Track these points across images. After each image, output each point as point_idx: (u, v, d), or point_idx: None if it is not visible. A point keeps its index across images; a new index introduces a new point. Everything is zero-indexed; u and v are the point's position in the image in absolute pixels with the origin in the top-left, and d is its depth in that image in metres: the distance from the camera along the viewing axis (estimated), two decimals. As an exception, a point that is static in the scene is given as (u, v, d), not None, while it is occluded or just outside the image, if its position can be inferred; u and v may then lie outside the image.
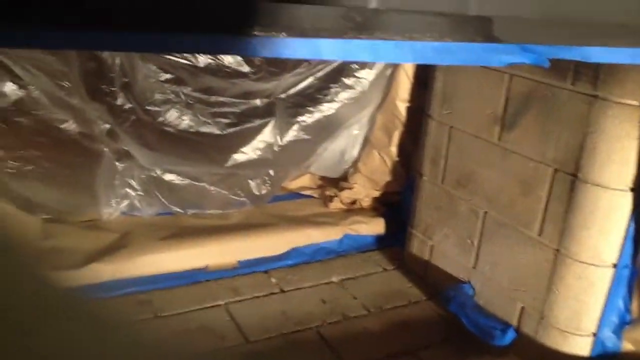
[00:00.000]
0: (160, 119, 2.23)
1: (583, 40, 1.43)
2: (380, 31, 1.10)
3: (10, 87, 2.03)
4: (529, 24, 1.31)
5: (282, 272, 2.46)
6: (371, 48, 1.10)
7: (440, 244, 2.42)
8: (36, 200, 2.30)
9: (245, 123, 2.41)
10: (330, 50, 1.03)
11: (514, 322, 2.08)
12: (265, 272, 2.45)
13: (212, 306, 2.20)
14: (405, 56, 1.17)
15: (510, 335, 2.06)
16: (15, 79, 2.03)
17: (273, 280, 2.40)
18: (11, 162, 2.12)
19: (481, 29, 1.25)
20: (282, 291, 2.34)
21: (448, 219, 2.36)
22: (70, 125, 2.18)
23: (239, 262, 2.46)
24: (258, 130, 2.44)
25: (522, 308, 2.05)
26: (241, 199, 2.70)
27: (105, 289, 2.18)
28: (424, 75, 2.50)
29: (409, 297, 2.39)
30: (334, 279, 2.46)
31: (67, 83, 2.09)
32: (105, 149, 2.31)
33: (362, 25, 1.06)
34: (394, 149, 2.75)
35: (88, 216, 2.48)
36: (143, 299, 2.19)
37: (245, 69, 2.27)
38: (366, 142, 2.84)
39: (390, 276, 2.54)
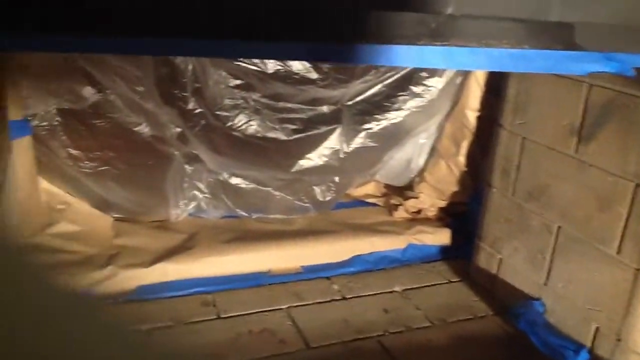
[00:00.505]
0: (229, 123, 2.27)
1: (672, 48, 1.35)
2: (456, 37, 1.07)
3: (89, 91, 2.12)
4: (613, 31, 1.24)
5: (345, 279, 2.45)
6: (445, 54, 1.07)
7: (509, 258, 2.33)
8: (110, 199, 2.39)
9: (311, 129, 2.42)
10: (404, 56, 1.02)
11: (588, 344, 1.98)
12: (328, 278, 2.44)
13: (274, 310, 2.21)
14: (481, 63, 1.14)
15: (583, 357, 1.96)
16: (94, 83, 2.12)
17: (335, 286, 2.39)
18: (88, 162, 2.21)
19: (562, 36, 1.19)
20: (344, 298, 2.32)
21: (518, 233, 2.28)
22: (144, 129, 2.25)
23: (302, 267, 2.46)
24: (324, 136, 2.44)
25: (597, 329, 1.95)
26: (305, 204, 2.71)
27: (171, 288, 2.24)
28: (496, 84, 2.43)
29: (475, 311, 2.31)
30: (397, 288, 2.42)
31: (142, 87, 2.16)
32: (176, 152, 2.37)
33: (437, 31, 1.03)
34: (461, 159, 2.68)
35: (157, 217, 2.56)
36: (207, 300, 2.22)
37: (313, 75, 2.27)
38: (433, 151, 2.79)
39: (455, 288, 2.47)
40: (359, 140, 2.49)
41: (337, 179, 2.69)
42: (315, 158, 2.46)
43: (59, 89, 2.09)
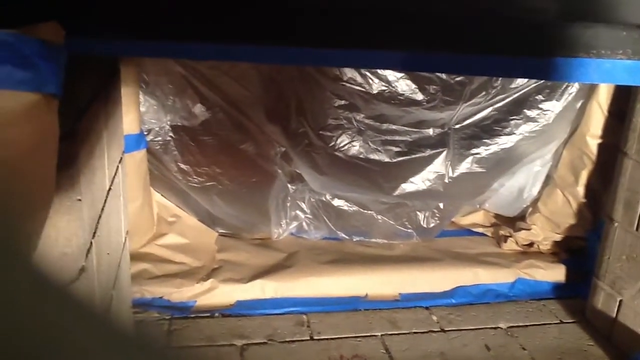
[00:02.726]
0: (332, 144, 2.27)
1: None
2: (559, 46, 0.98)
3: (199, 109, 2.22)
4: None
5: (445, 310, 2.33)
6: (545, 66, 0.99)
7: (631, 301, 2.10)
8: (215, 214, 2.47)
9: (416, 152, 2.35)
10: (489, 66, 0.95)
11: None
12: (427, 308, 2.34)
13: (368, 336, 2.15)
14: (589, 75, 1.03)
15: None
16: (205, 101, 2.22)
17: (434, 317, 2.28)
18: (196, 177, 2.30)
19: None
20: (443, 330, 2.20)
21: (642, 273, 2.05)
22: (248, 147, 2.31)
23: (400, 294, 2.38)
24: (429, 160, 2.36)
25: None
26: (408, 230, 2.64)
27: (267, 305, 2.25)
28: (621, 107, 2.23)
29: (589, 356, 2.10)
30: (502, 325, 2.26)
31: (249, 106, 2.23)
32: (279, 171, 2.41)
33: (536, 39, 0.95)
34: (580, 190, 2.48)
35: (260, 234, 2.60)
36: (302, 320, 2.21)
37: (419, 97, 2.21)
38: (549, 180, 2.60)
39: (568, 330, 2.26)
40: (465, 166, 2.38)
41: (441, 205, 2.59)
42: (418, 182, 2.39)
43: (173, 106, 2.21)
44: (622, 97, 2.20)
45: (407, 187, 2.39)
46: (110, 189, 1.48)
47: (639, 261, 2.06)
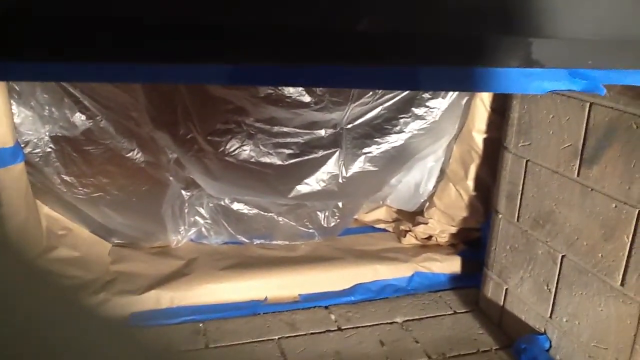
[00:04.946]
0: (221, 149, 2.24)
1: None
2: (391, 56, 1.00)
3: (79, 118, 2.14)
4: (579, 45, 1.13)
5: (344, 308, 2.36)
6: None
7: (515, 289, 2.19)
8: (107, 225, 2.39)
9: (308, 154, 2.36)
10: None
11: (593, 385, 1.82)
12: (326, 307, 2.36)
13: (265, 340, 2.14)
14: (420, 84, 1.06)
15: (587, 400, 1.80)
16: (84, 110, 2.14)
17: (332, 317, 2.30)
18: (81, 188, 2.22)
19: (516, 52, 1.10)
20: (340, 329, 2.23)
21: (524, 262, 2.14)
22: (136, 155, 2.25)
23: (300, 295, 2.39)
24: (322, 161, 2.38)
25: (603, 369, 1.79)
26: (309, 230, 2.65)
27: (163, 316, 2.20)
28: (500, 104, 2.32)
29: (478, 345, 2.18)
30: (398, 319, 2.31)
31: (134, 113, 2.17)
32: (171, 178, 2.36)
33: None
34: (470, 183, 2.56)
35: (158, 243, 2.54)
36: (198, 329, 2.18)
37: (307, 98, 2.22)
38: (442, 174, 2.68)
39: (461, 320, 2.34)
40: (358, 165, 2.41)
41: (340, 204, 2.61)
42: (313, 183, 2.39)
43: (51, 116, 2.12)
44: (501, 94, 2.28)
45: (302, 188, 2.39)
46: (-37, 210, 1.40)
47: (521, 251, 2.15)
